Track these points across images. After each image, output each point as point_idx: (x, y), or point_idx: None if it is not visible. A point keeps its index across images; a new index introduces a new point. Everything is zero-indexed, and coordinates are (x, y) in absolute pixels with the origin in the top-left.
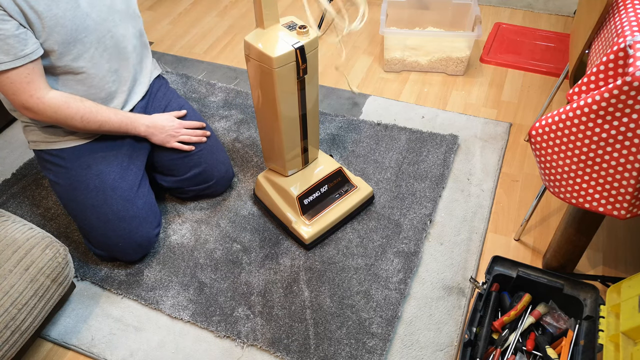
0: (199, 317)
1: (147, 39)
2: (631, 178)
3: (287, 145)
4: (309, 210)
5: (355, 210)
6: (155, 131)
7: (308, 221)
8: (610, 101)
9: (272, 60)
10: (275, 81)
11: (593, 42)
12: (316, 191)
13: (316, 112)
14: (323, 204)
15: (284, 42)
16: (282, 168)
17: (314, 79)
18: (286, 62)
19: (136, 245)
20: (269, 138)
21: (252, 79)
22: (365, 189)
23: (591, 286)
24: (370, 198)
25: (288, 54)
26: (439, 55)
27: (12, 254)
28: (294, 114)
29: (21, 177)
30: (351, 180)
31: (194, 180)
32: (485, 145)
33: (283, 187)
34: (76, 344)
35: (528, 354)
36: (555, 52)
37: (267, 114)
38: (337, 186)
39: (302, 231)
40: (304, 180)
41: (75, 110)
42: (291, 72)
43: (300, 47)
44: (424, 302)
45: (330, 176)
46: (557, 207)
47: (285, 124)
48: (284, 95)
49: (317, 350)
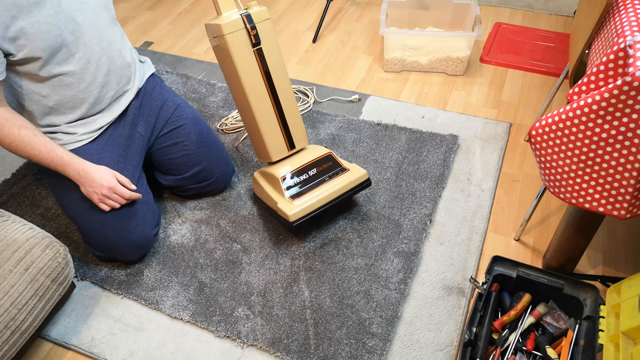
0: (199, 317)
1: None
2: (631, 178)
3: (263, 123)
4: (295, 191)
5: (348, 192)
6: (85, 182)
7: (293, 200)
8: (610, 101)
9: (221, 27)
10: (230, 49)
11: (593, 42)
12: (303, 174)
13: (289, 91)
14: (311, 186)
15: (233, 14)
16: (267, 153)
17: (275, 52)
18: (235, 29)
19: (134, 246)
20: (250, 124)
21: (221, 64)
22: (357, 171)
23: (591, 286)
24: (365, 181)
25: (235, 21)
26: (439, 55)
27: (12, 254)
28: (261, 88)
29: (21, 177)
30: (343, 164)
31: (194, 178)
32: (485, 145)
33: (271, 173)
34: (76, 344)
35: (528, 354)
36: (555, 52)
37: (238, 94)
38: (327, 170)
39: (286, 210)
40: (292, 164)
41: (6, 135)
42: (243, 39)
43: (247, 14)
44: (424, 302)
45: (319, 160)
46: (557, 207)
47: (255, 99)
48: (244, 66)
49: (317, 350)
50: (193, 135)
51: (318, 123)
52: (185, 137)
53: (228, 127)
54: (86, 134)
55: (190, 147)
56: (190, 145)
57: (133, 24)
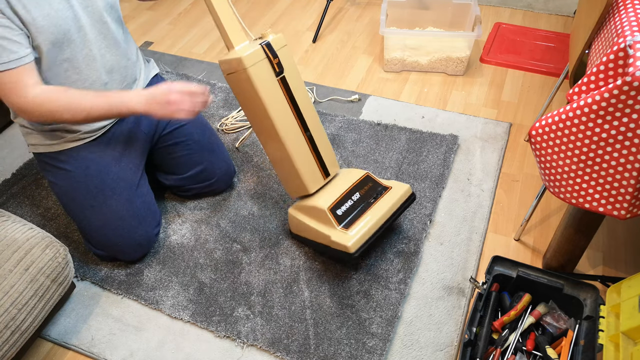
0: (199, 317)
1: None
2: (631, 178)
3: (297, 156)
4: (345, 220)
5: (397, 211)
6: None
7: (347, 230)
8: (610, 101)
9: (242, 61)
10: (254, 82)
11: (593, 42)
12: (348, 200)
13: (316, 116)
14: (359, 211)
15: (250, 46)
16: (304, 185)
17: (297, 77)
18: (257, 60)
19: (135, 245)
20: (279, 157)
21: (239, 98)
22: (400, 188)
23: (591, 286)
24: (410, 195)
25: (256, 51)
26: (439, 55)
27: (12, 254)
28: (290, 119)
29: (21, 177)
30: (383, 183)
31: (195, 178)
32: (485, 145)
33: (312, 206)
34: (76, 344)
35: (528, 354)
36: (555, 52)
37: (263, 128)
38: (369, 192)
39: (344, 241)
40: (332, 193)
41: (57, 101)
42: (267, 70)
43: (267, 43)
44: (424, 302)
45: (359, 183)
46: (557, 207)
47: (285, 131)
48: (270, 98)
49: (317, 350)
50: (195, 135)
51: None
52: (188, 136)
53: (228, 127)
54: (88, 133)
55: (192, 146)
56: (192, 145)
57: (133, 24)
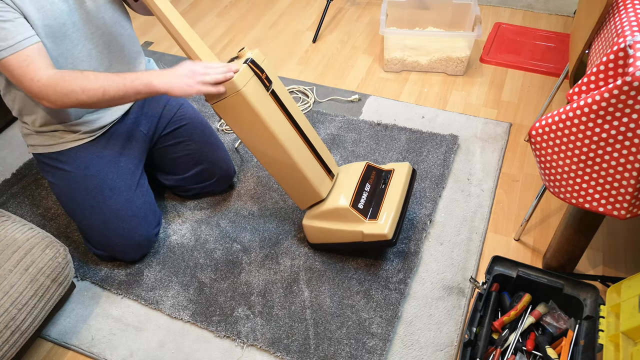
0: (199, 317)
1: (137, 39)
2: (631, 178)
3: (305, 165)
4: (369, 211)
5: (409, 187)
6: (178, 78)
7: (376, 220)
8: (610, 101)
9: (234, 83)
10: (251, 103)
11: (593, 42)
12: (362, 192)
13: (306, 121)
14: (378, 199)
15: (235, 65)
16: (316, 192)
17: (281, 87)
18: (247, 79)
19: (135, 245)
20: (286, 172)
21: (234, 124)
22: (402, 167)
23: (591, 286)
24: (413, 171)
25: (244, 70)
26: (439, 55)
27: (12, 254)
28: (290, 130)
29: (21, 177)
30: (385, 168)
31: (195, 178)
32: (485, 145)
33: (331, 209)
34: (76, 344)
35: (528, 354)
36: (555, 52)
37: (268, 147)
38: (377, 179)
39: (379, 231)
40: (345, 191)
41: (73, 81)
42: (258, 87)
43: (251, 60)
44: (424, 302)
45: (365, 174)
46: (557, 207)
47: (289, 144)
48: (269, 115)
49: (317, 350)
50: (195, 135)
51: (318, 123)
52: (188, 136)
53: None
54: (88, 133)
55: (192, 146)
56: (193, 145)
57: (133, 24)
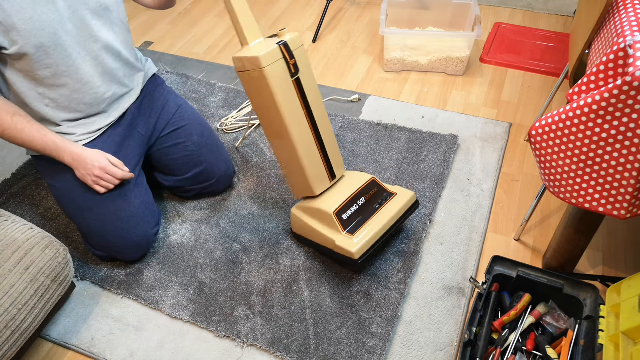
0: (199, 317)
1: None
2: (631, 178)
3: (306, 157)
4: (350, 225)
5: (402, 217)
6: (79, 166)
7: (351, 236)
8: (610, 101)
9: (259, 60)
10: (269, 83)
11: (593, 42)
12: (353, 204)
13: (326, 118)
14: (364, 217)
15: (268, 44)
16: (310, 187)
17: (311, 79)
18: (274, 60)
19: (134, 245)
20: (287, 157)
21: (251, 95)
22: (405, 194)
23: (591, 286)
24: (414, 203)
25: (273, 51)
26: (439, 55)
27: (12, 254)
28: (302, 120)
29: (21, 177)
30: (388, 189)
31: (195, 179)
32: (485, 145)
33: (317, 208)
34: (76, 344)
35: (528, 354)
36: (555, 52)
37: (274, 128)
38: (374, 197)
39: (348, 247)
40: (337, 196)
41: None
42: (283, 70)
43: (284, 43)
44: (424, 302)
45: (365, 188)
46: (557, 207)
47: (296, 131)
48: (284, 98)
49: (317, 350)
50: (195, 136)
51: None
52: (187, 137)
53: (228, 127)
54: (85, 135)
55: (192, 147)
56: (192, 146)
57: (133, 24)
